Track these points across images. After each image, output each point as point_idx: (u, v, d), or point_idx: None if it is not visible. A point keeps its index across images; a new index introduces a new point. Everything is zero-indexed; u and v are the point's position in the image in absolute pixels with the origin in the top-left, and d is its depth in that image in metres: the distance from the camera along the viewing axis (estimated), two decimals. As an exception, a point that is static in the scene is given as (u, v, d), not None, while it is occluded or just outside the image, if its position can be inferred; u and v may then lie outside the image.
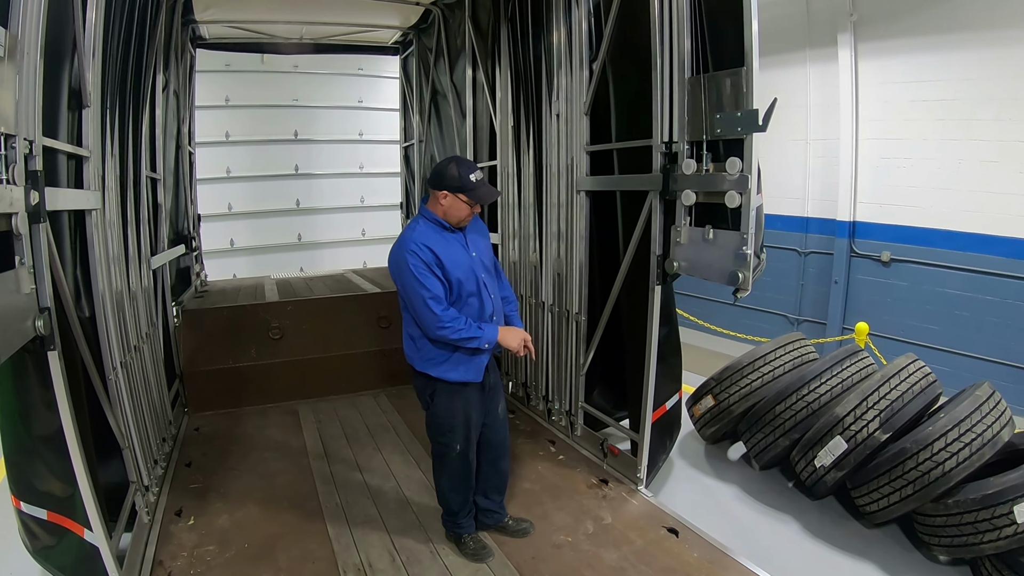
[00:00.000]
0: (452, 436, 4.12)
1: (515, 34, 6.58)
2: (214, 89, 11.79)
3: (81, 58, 3.78)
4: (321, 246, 13.52)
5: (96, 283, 4.00)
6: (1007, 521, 3.94)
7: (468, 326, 3.83)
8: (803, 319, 10.66)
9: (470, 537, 4.34)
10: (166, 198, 6.73)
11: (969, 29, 8.10)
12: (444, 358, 3.99)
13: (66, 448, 3.07)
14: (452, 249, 3.92)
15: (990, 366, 8.21)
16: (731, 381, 5.87)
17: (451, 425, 4.10)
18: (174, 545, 4.33)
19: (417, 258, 3.76)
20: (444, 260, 3.83)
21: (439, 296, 3.80)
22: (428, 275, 3.77)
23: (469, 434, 4.15)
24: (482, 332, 3.87)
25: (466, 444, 4.16)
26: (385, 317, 7.65)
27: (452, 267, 3.86)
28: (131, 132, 5.08)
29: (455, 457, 4.16)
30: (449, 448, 4.14)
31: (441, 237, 3.92)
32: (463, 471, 4.24)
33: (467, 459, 4.21)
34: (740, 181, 3.78)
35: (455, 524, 4.36)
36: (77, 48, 3.73)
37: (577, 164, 5.70)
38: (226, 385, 6.89)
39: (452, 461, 4.18)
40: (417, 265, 3.75)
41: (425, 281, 3.76)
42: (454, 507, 4.31)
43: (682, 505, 5.00)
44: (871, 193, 9.49)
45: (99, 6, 3.95)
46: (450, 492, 4.29)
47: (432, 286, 3.77)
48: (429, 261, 3.78)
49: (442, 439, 4.17)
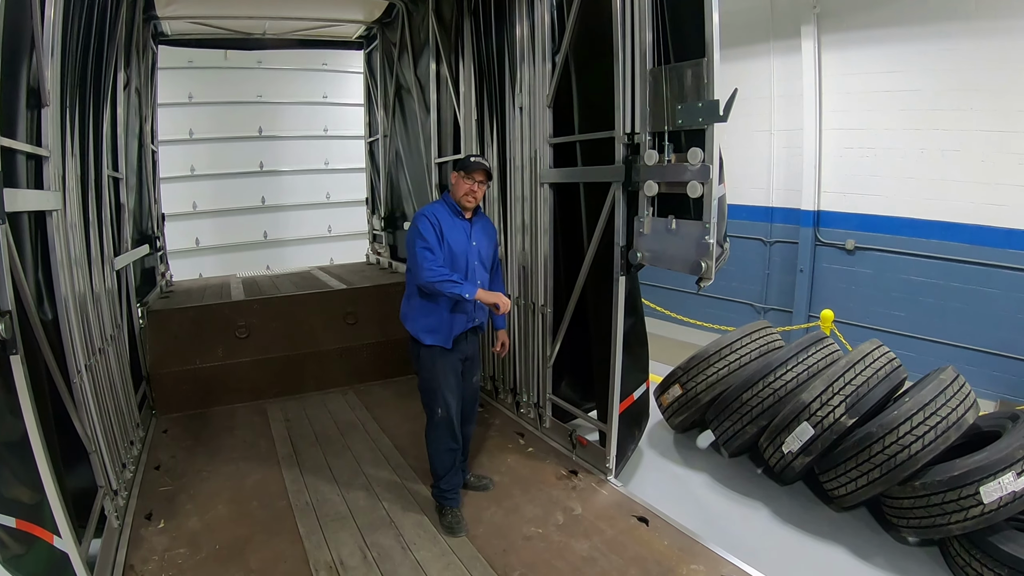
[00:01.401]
0: (434, 398, 4.56)
1: (478, 27, 6.57)
2: (177, 86, 11.63)
3: (39, 56, 3.72)
4: (287, 243, 13.40)
5: (58, 285, 3.94)
6: (973, 502, 4.00)
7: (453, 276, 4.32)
8: (769, 307, 10.76)
9: (450, 511, 4.60)
10: (129, 198, 6.64)
11: (930, 21, 8.20)
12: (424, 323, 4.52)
13: (32, 454, 3.02)
14: (455, 231, 4.52)
15: (954, 350, 8.34)
16: (698, 370, 5.91)
17: (432, 388, 4.56)
18: (145, 549, 4.29)
19: (426, 220, 4.40)
20: (445, 233, 4.44)
21: (435, 248, 4.35)
22: (431, 232, 4.37)
23: (449, 399, 4.55)
24: (461, 285, 4.30)
25: (447, 409, 4.55)
26: (352, 313, 7.63)
27: (449, 240, 4.46)
28: (92, 131, 5.01)
29: (439, 421, 4.57)
30: (432, 411, 4.60)
31: (451, 218, 4.54)
32: (447, 435, 4.60)
33: (451, 424, 4.59)
34: (702, 171, 3.81)
35: (441, 493, 4.65)
36: (35, 46, 3.67)
37: (540, 157, 5.71)
38: (193, 386, 6.82)
39: (437, 425, 4.59)
40: (424, 225, 4.37)
41: (427, 235, 4.35)
42: (439, 471, 4.64)
43: (652, 494, 5.04)
44: (835, 182, 9.59)
45: (57, 3, 3.89)
46: (435, 455, 4.64)
47: (431, 239, 4.35)
48: (435, 224, 4.40)
49: (426, 400, 4.64)
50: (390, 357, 7.63)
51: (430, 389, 4.56)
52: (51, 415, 3.55)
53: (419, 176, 8.81)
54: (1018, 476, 3.96)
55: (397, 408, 6.84)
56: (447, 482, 4.63)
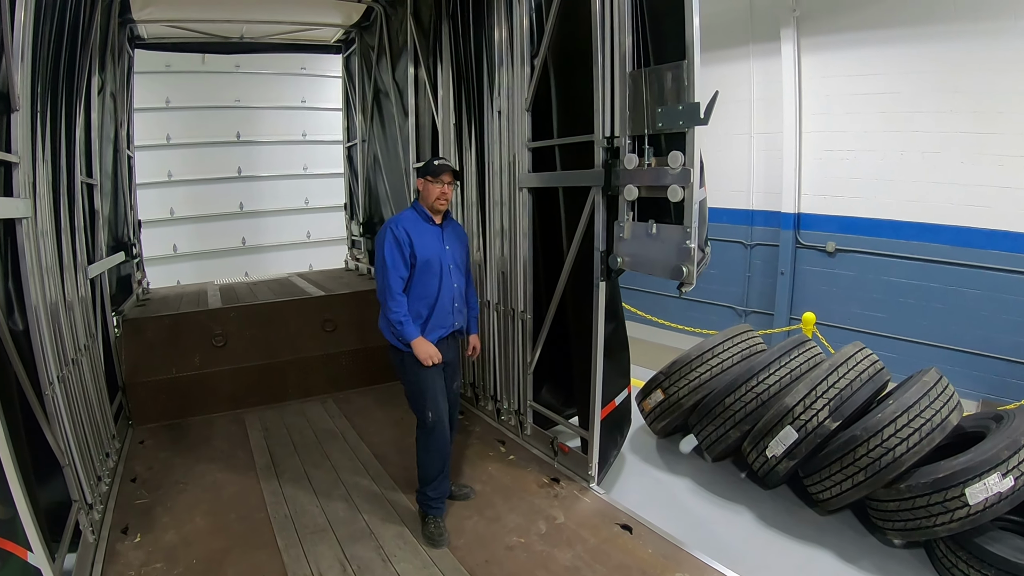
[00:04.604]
0: (422, 401, 4.51)
1: (457, 31, 6.53)
2: (154, 91, 11.57)
3: (9, 60, 3.64)
4: (266, 250, 13.35)
5: (29, 295, 3.86)
6: (959, 503, 4.00)
7: (404, 313, 4.39)
8: (751, 311, 10.76)
9: (433, 520, 4.55)
10: (104, 204, 6.57)
11: (909, 24, 8.23)
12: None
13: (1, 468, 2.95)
14: (426, 237, 4.48)
15: (936, 351, 8.36)
16: (680, 375, 5.89)
17: (420, 391, 4.51)
18: (121, 564, 4.21)
19: (392, 235, 4.38)
20: (415, 242, 4.39)
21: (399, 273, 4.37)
22: (396, 252, 4.36)
23: (439, 401, 4.54)
24: (405, 326, 4.37)
25: (437, 413, 4.52)
26: (330, 320, 7.58)
27: (420, 249, 4.40)
28: (64, 136, 4.92)
29: (430, 426, 4.52)
30: (423, 416, 4.54)
31: (420, 225, 4.51)
32: (437, 441, 4.56)
33: (442, 429, 4.56)
34: (682, 175, 3.77)
35: (426, 499, 4.61)
36: (4, 49, 3.60)
37: (519, 161, 5.68)
38: (170, 396, 6.73)
39: (428, 430, 4.54)
40: (390, 240, 4.37)
41: (391, 255, 4.36)
42: (428, 476, 4.58)
43: (635, 501, 5.00)
44: (815, 185, 9.60)
45: (28, 6, 3.81)
46: (425, 459, 4.58)
47: (395, 262, 4.36)
48: (402, 240, 4.36)
49: (415, 406, 4.59)
50: (369, 364, 7.58)
51: (418, 393, 4.52)
52: (22, 428, 3.46)
53: (397, 181, 8.77)
54: (1003, 477, 3.96)
55: (376, 415, 6.80)
56: (435, 489, 4.58)
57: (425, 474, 4.59)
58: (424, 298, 4.49)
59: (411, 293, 4.45)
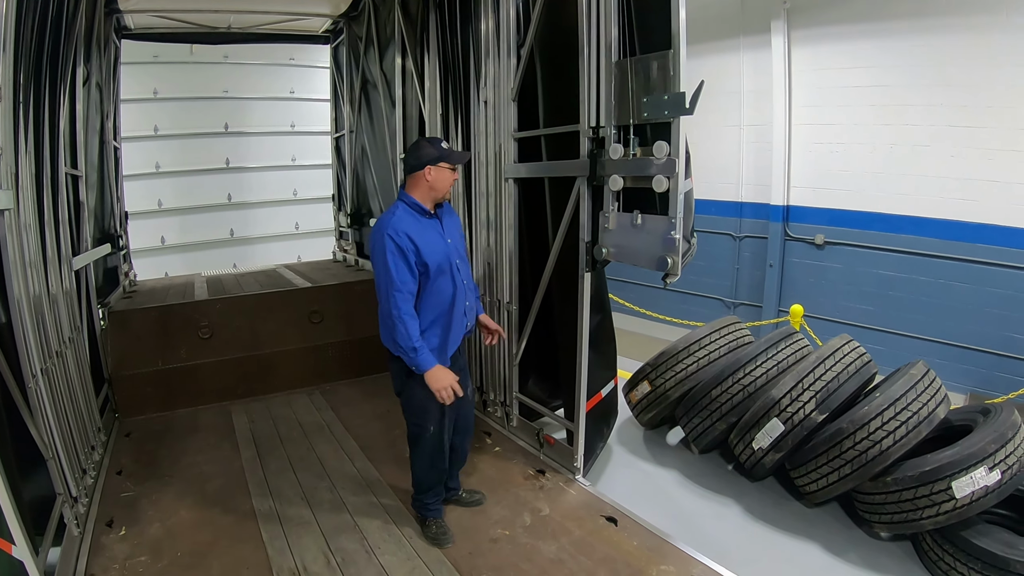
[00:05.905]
0: (427, 417, 4.16)
1: (444, 21, 6.49)
2: (142, 81, 11.46)
3: (-10, 49, 3.60)
4: (254, 241, 13.28)
5: (11, 287, 3.82)
6: (946, 497, 4.00)
7: (417, 338, 3.88)
8: (739, 303, 10.79)
9: (434, 521, 4.44)
10: (89, 195, 6.52)
11: (900, 17, 8.25)
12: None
13: None
14: (428, 235, 3.97)
15: (924, 344, 8.40)
16: (667, 366, 5.88)
17: (426, 407, 4.11)
18: (105, 557, 4.18)
19: (393, 243, 3.81)
20: (420, 246, 3.87)
21: (407, 289, 3.86)
22: (402, 264, 3.82)
23: (443, 415, 4.20)
24: (419, 353, 3.87)
25: (440, 425, 4.22)
26: (317, 312, 7.55)
27: (428, 252, 3.89)
28: (48, 127, 4.88)
29: (429, 438, 4.23)
30: (423, 429, 4.20)
31: (418, 223, 3.97)
32: (438, 451, 4.30)
33: (442, 440, 4.29)
34: (667, 165, 3.75)
35: (424, 505, 4.46)
36: None
37: (505, 151, 5.65)
38: (156, 388, 6.70)
39: (427, 442, 4.24)
40: (393, 251, 3.80)
41: (397, 270, 3.81)
42: (426, 486, 4.41)
43: (621, 493, 5.00)
44: (804, 177, 9.62)
45: (10, -6, 3.77)
46: (425, 472, 4.37)
47: (402, 278, 3.83)
48: (405, 248, 3.82)
49: (418, 420, 4.21)
50: (356, 356, 7.58)
51: (423, 408, 4.12)
52: (4, 421, 3.46)
53: (385, 172, 8.74)
54: (990, 470, 3.96)
55: (363, 408, 6.77)
56: (431, 496, 4.47)
57: (422, 485, 4.43)
58: (438, 306, 4.05)
59: (423, 304, 3.98)
